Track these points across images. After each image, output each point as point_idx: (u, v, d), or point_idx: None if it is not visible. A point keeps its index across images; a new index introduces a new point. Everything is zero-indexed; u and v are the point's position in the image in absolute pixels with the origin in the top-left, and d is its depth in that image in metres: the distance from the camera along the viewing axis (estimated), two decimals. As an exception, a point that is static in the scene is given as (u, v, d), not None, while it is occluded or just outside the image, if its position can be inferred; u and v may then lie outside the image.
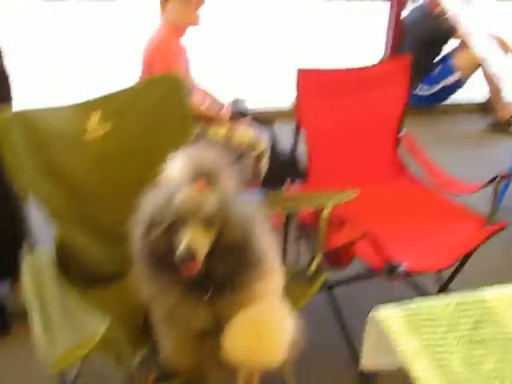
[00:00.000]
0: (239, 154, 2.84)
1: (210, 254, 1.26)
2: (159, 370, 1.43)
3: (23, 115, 1.68)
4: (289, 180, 2.40)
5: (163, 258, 1.29)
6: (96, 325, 1.24)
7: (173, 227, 1.25)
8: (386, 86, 2.49)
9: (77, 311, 1.38)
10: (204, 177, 1.26)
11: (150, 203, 1.31)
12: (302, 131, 2.33)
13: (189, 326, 1.42)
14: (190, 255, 1.21)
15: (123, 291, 1.79)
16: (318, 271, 1.81)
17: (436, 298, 1.13)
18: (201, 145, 1.42)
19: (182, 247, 1.21)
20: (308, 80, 2.26)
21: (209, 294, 1.34)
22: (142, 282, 1.47)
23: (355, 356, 2.20)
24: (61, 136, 1.76)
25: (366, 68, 2.44)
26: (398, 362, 1.11)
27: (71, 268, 1.77)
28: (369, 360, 1.21)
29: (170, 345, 1.49)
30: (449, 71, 4.70)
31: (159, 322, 1.50)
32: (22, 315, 2.33)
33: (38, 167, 1.69)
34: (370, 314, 1.14)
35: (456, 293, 2.30)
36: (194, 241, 1.22)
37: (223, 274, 1.30)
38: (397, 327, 1.05)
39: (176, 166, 1.36)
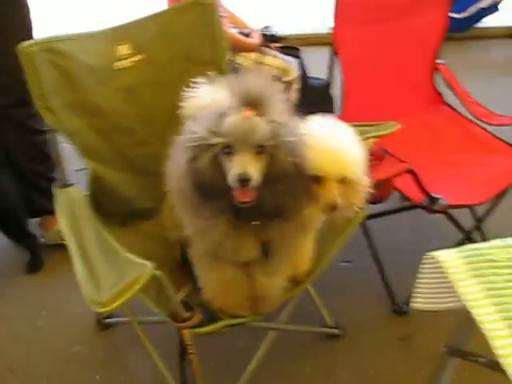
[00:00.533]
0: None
1: (261, 182, 1.21)
2: (202, 312, 1.41)
3: (50, 47, 1.59)
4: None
5: (212, 186, 1.23)
6: (140, 267, 1.21)
7: (223, 153, 1.20)
8: (426, 11, 2.36)
9: (116, 252, 1.35)
10: (253, 103, 1.19)
11: (196, 127, 1.24)
12: (338, 59, 2.23)
13: (237, 257, 1.38)
14: (246, 180, 1.16)
15: (159, 227, 1.78)
16: (357, 206, 1.77)
17: (497, 240, 1.08)
18: (249, 72, 1.33)
19: (236, 171, 1.16)
20: (346, 5, 2.14)
21: (258, 222, 1.29)
22: (184, 215, 1.41)
23: (388, 289, 2.20)
24: (89, 68, 1.68)
25: (406, -10, 2.31)
26: (454, 304, 1.08)
27: (106, 205, 1.74)
28: (421, 300, 1.18)
29: (213, 285, 1.47)
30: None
31: (201, 260, 1.47)
32: (54, 250, 2.41)
33: (67, 104, 1.63)
34: (427, 254, 1.10)
35: (490, 231, 2.34)
36: (248, 166, 1.17)
37: (274, 203, 1.25)
38: (458, 269, 1.01)
39: (222, 93, 1.30)
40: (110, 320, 2.10)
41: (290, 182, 1.24)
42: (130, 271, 1.23)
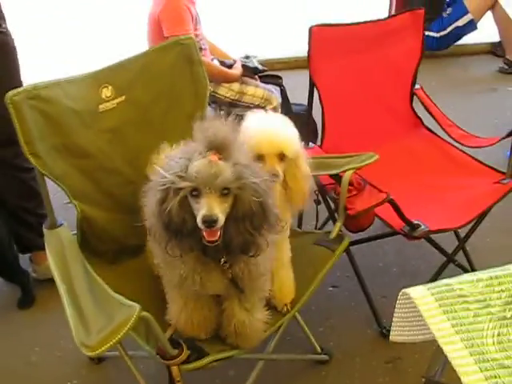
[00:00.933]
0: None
1: (226, 222, 1.29)
2: (190, 347, 1.46)
3: (35, 94, 1.62)
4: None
5: (180, 226, 1.31)
6: (127, 309, 1.26)
7: (190, 195, 1.28)
8: (401, 39, 2.44)
9: (105, 293, 1.39)
10: (217, 147, 1.27)
11: (164, 170, 1.32)
12: (316, 89, 2.29)
13: (204, 291, 1.46)
14: (213, 221, 1.24)
15: (146, 264, 1.83)
16: (340, 235, 1.83)
17: (467, 275, 1.13)
18: (214, 117, 1.42)
19: (203, 213, 1.24)
20: (320, 37, 2.20)
21: (223, 259, 1.37)
22: (154, 249, 1.52)
23: (375, 313, 2.25)
24: (74, 112, 1.72)
25: (379, 22, 2.38)
26: (430, 336, 1.13)
27: (94, 243, 1.79)
28: (398, 333, 1.23)
29: (179, 310, 1.54)
30: (460, 12, 4.60)
31: (171, 288, 1.55)
32: (46, 286, 2.44)
33: (53, 148, 1.67)
34: (402, 291, 1.15)
35: (475, 250, 2.40)
36: (214, 208, 1.24)
37: (240, 240, 1.33)
38: (429, 306, 1.06)
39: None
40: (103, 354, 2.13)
41: (255, 220, 1.31)
42: (118, 313, 1.28)
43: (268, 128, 1.54)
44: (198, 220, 1.25)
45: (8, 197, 2.38)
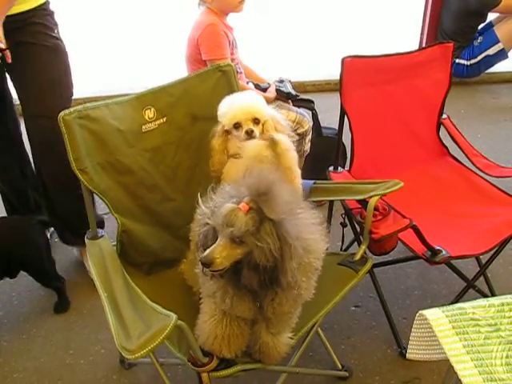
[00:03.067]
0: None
1: (241, 263, 1.40)
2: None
3: (85, 114, 1.77)
4: (332, 164, 2.48)
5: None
6: (164, 318, 1.37)
7: (213, 232, 1.42)
8: (429, 71, 2.52)
9: (143, 302, 1.51)
10: (254, 197, 1.37)
11: (206, 206, 1.47)
12: (346, 116, 2.39)
13: (234, 313, 1.57)
14: (207, 263, 1.38)
15: (180, 276, 1.95)
16: (364, 257, 1.92)
17: (480, 300, 1.22)
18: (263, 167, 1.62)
19: (204, 254, 1.39)
20: (352, 67, 2.30)
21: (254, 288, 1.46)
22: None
23: (395, 333, 2.32)
24: (119, 131, 1.86)
25: (409, 54, 2.46)
26: (443, 355, 1.22)
27: (132, 256, 1.91)
28: (414, 351, 1.32)
29: (207, 328, 1.62)
30: (491, 41, 4.66)
31: (208, 301, 1.65)
32: (79, 291, 2.57)
33: (99, 164, 1.81)
34: (418, 313, 1.24)
35: (496, 276, 2.46)
36: (217, 252, 1.37)
37: (254, 284, 1.43)
38: (443, 327, 1.15)
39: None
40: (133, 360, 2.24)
41: (266, 275, 1.40)
42: (156, 321, 1.40)
43: (239, 100, 1.86)
44: (199, 257, 1.41)
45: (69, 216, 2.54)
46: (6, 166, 2.70)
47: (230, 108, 1.84)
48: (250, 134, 1.80)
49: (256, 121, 1.82)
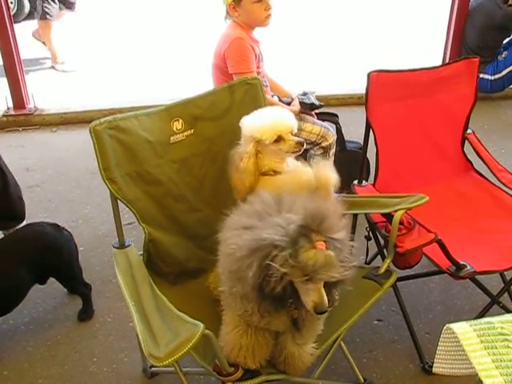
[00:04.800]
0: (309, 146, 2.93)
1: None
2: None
3: (114, 125, 1.81)
4: (356, 177, 2.48)
5: (275, 295, 1.39)
6: (192, 327, 1.39)
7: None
8: (454, 85, 2.53)
9: (170, 311, 1.53)
10: (319, 229, 1.36)
11: (262, 236, 1.39)
12: (372, 130, 2.41)
13: (268, 327, 1.58)
14: (325, 311, 1.39)
15: (205, 286, 1.97)
16: (388, 271, 1.92)
17: (508, 315, 1.22)
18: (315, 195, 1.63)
19: (316, 302, 1.38)
20: (378, 81, 2.32)
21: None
22: (224, 278, 1.60)
23: (418, 348, 2.31)
24: (148, 142, 1.89)
25: (435, 69, 2.48)
26: (470, 371, 1.22)
27: (159, 265, 1.94)
28: (441, 365, 1.31)
29: (233, 340, 1.63)
30: (516, 56, 4.65)
31: (229, 311, 1.66)
32: (103, 300, 2.59)
33: (127, 174, 1.84)
34: (446, 326, 1.24)
35: None
36: (324, 297, 1.38)
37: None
38: (471, 341, 1.15)
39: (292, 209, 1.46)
40: (156, 369, 2.26)
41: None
42: (183, 330, 1.41)
43: (276, 114, 1.89)
44: (309, 307, 1.39)
45: None
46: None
47: (269, 122, 1.84)
48: (302, 145, 1.83)
49: (293, 134, 1.86)
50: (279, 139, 1.82)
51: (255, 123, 1.86)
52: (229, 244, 1.49)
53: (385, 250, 2.06)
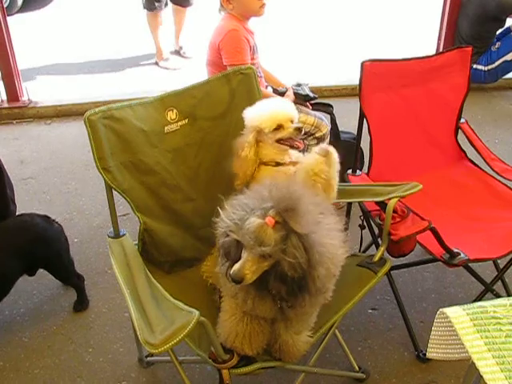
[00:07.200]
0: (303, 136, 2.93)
1: (269, 273, 1.42)
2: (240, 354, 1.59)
3: (109, 114, 1.81)
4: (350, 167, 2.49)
5: (234, 258, 1.45)
6: (187, 314, 1.40)
7: (236, 245, 1.43)
8: (448, 75, 2.54)
9: (165, 299, 1.53)
10: (280, 211, 1.37)
11: (233, 210, 1.45)
12: (365, 119, 2.41)
13: (254, 313, 1.59)
14: (237, 280, 1.41)
15: (200, 274, 1.98)
16: (383, 259, 1.93)
17: (501, 299, 1.23)
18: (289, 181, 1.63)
19: (233, 270, 1.41)
20: (371, 71, 2.33)
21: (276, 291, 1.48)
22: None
23: (412, 336, 2.32)
24: (143, 132, 1.89)
25: (428, 58, 2.49)
26: (463, 355, 1.23)
27: (154, 254, 1.94)
28: (434, 350, 1.33)
29: (228, 326, 1.64)
30: (509, 47, 4.65)
31: (226, 297, 1.67)
32: (98, 291, 2.59)
33: (122, 164, 1.84)
34: (439, 311, 1.25)
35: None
36: (247, 268, 1.40)
37: (281, 290, 1.44)
38: (464, 324, 1.17)
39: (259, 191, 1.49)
40: (151, 358, 2.27)
41: (293, 285, 1.42)
42: (179, 317, 1.42)
43: (275, 103, 1.92)
44: (228, 273, 1.43)
45: None
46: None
47: (268, 111, 1.86)
48: (300, 131, 1.85)
49: (292, 122, 1.88)
50: (279, 128, 1.84)
51: (256, 113, 1.88)
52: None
53: (379, 239, 2.07)
